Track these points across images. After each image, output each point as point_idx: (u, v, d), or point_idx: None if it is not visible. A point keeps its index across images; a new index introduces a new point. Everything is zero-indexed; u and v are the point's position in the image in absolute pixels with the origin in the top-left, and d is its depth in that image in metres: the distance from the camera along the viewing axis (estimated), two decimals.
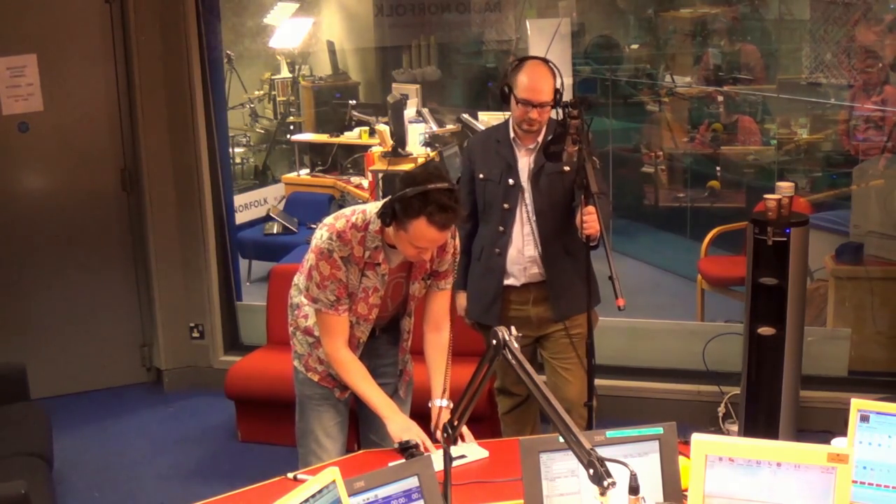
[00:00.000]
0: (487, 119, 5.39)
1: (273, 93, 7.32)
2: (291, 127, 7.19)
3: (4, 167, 4.89)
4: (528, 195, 3.29)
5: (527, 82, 3.16)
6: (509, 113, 3.31)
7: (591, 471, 1.79)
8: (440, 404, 2.76)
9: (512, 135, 3.30)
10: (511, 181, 3.28)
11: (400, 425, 2.67)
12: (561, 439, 1.91)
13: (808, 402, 4.16)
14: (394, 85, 6.24)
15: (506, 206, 3.30)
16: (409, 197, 2.49)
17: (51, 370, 4.86)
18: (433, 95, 6.20)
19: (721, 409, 4.30)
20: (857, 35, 4.88)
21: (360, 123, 6.30)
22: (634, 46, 6.22)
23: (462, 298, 3.50)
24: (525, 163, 3.29)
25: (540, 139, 3.27)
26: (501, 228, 3.32)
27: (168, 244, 5.05)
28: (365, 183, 5.99)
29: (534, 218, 3.29)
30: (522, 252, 3.32)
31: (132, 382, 5.20)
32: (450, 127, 5.94)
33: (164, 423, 4.78)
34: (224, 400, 4.49)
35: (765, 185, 4.91)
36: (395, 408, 2.74)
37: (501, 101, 3.26)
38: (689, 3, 5.85)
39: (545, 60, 3.21)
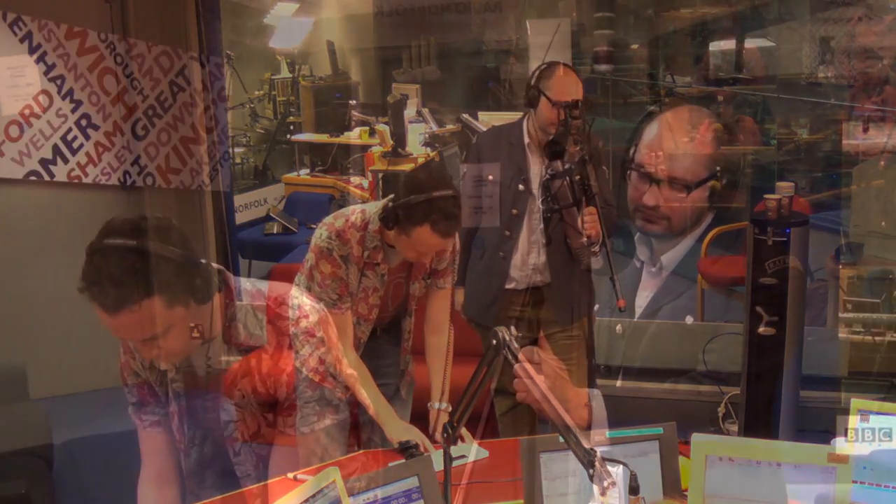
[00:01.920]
0: (487, 119, 5.38)
1: (273, 93, 7.31)
2: (291, 127, 7.18)
3: (3, 167, 4.88)
4: (538, 202, 3.26)
5: (561, 85, 3.13)
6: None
7: (591, 471, 1.79)
8: (438, 407, 2.77)
9: (527, 140, 3.26)
10: (521, 187, 3.25)
11: (397, 430, 2.67)
12: (561, 439, 1.91)
13: (808, 402, 4.16)
14: (394, 85, 6.24)
15: (514, 211, 3.27)
16: (413, 204, 2.49)
17: (51, 370, 4.86)
18: (433, 95, 6.19)
19: (721, 409, 4.29)
20: (857, 35, 4.87)
21: (360, 123, 6.30)
22: (634, 46, 6.21)
23: (459, 295, 3.49)
24: (538, 170, 3.26)
25: None
26: (508, 233, 3.29)
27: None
28: (365, 183, 5.99)
29: (541, 226, 3.26)
30: (527, 260, 3.30)
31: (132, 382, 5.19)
32: (450, 127, 5.94)
33: None
34: (224, 400, 4.47)
35: (765, 185, 4.90)
36: (393, 413, 2.73)
37: (527, 105, 3.22)
38: (689, 3, 5.84)
39: (570, 66, 3.22)
